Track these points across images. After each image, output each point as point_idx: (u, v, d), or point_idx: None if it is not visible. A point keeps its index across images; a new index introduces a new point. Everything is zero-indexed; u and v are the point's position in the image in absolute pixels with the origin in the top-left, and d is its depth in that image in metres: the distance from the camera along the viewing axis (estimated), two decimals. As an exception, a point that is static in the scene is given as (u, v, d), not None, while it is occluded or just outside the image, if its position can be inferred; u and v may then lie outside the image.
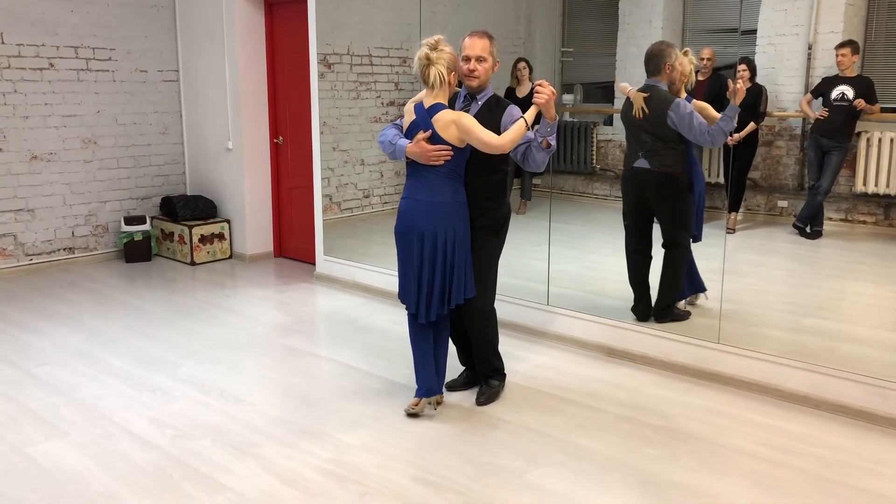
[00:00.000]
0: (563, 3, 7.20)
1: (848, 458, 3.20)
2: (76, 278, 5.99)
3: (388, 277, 5.40)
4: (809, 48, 5.30)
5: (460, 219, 3.43)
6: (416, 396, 3.56)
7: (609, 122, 6.92)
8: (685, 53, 4.36)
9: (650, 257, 4.50)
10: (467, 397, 3.76)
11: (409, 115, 3.45)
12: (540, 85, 3.31)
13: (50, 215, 6.22)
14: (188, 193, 7.00)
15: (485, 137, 3.30)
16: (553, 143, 3.43)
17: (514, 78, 6.71)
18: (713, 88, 5.70)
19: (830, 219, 5.27)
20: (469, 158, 3.44)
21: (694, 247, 4.59)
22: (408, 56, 6.53)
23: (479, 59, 3.45)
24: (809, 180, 5.29)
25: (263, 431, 3.41)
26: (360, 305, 5.36)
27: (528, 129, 3.34)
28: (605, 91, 6.92)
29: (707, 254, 4.74)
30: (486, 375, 3.77)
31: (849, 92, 4.92)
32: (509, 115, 3.45)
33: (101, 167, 6.47)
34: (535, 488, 2.95)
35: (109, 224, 6.57)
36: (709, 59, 5.69)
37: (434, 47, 3.32)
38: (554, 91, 3.30)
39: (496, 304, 3.72)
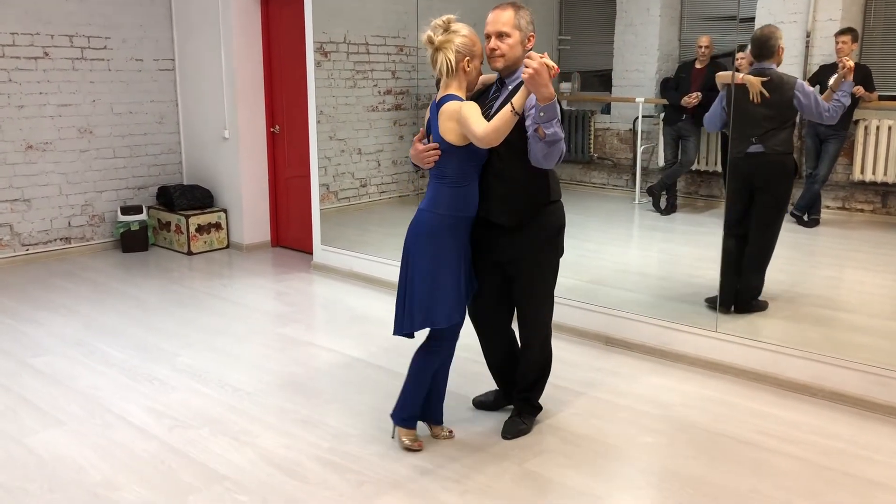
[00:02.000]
0: (560, -9, 7.17)
1: (846, 447, 3.20)
2: (73, 268, 5.97)
3: (385, 267, 5.39)
4: (808, 36, 5.28)
5: (423, 232, 2.96)
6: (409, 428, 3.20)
7: (607, 110, 6.90)
8: None
9: (744, 247, 4.40)
10: (461, 387, 3.76)
11: (427, 114, 3.04)
12: (528, 58, 2.66)
13: (46, 205, 6.19)
14: (185, 183, 6.97)
15: (473, 128, 2.76)
16: (550, 130, 2.76)
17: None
18: (711, 76, 5.67)
19: (828, 207, 5.27)
20: (500, 157, 2.93)
21: (691, 235, 4.59)
22: (405, 44, 6.49)
23: (502, 35, 2.90)
24: (807, 168, 5.28)
25: (261, 420, 3.41)
26: (357, 295, 5.36)
27: (516, 114, 2.71)
28: (602, 79, 6.90)
29: (705, 242, 4.74)
30: (520, 403, 3.35)
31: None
32: (530, 99, 2.78)
33: (98, 157, 6.44)
34: (534, 476, 2.95)
35: (106, 214, 6.55)
36: (707, 47, 5.67)
37: (445, 28, 2.88)
38: (549, 64, 2.64)
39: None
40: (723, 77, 4.48)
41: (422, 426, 3.27)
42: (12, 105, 5.92)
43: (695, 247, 4.80)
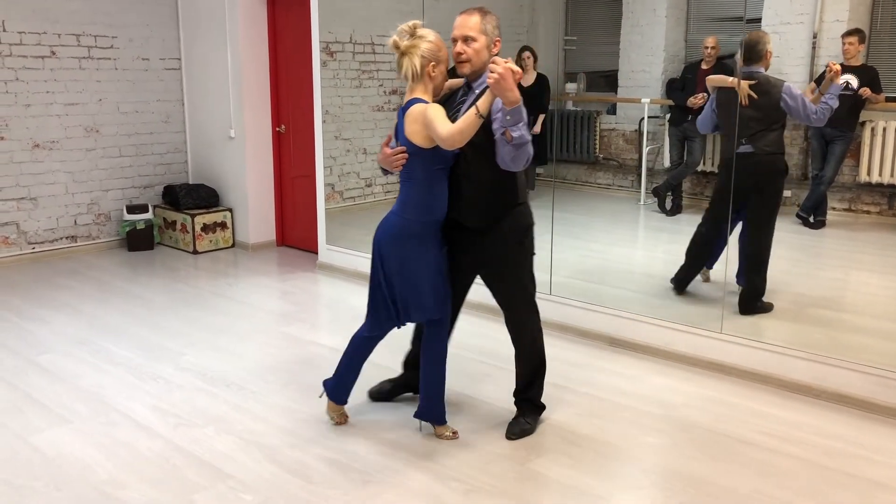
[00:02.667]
0: (566, -9, 7.16)
1: (849, 448, 3.20)
2: (78, 267, 6.00)
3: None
4: (814, 37, 5.28)
5: (392, 234, 3.04)
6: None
7: (612, 110, 6.90)
8: None
9: (724, 241, 4.48)
10: (465, 386, 3.76)
11: (396, 118, 3.08)
12: (493, 62, 2.71)
13: (52, 204, 6.22)
14: (190, 182, 6.99)
15: (438, 130, 2.80)
16: (517, 133, 2.80)
17: (519, 66, 6.68)
18: (717, 77, 5.66)
19: (834, 208, 5.26)
20: (466, 159, 2.98)
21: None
22: (410, 44, 6.50)
23: (468, 40, 2.93)
24: (813, 170, 5.28)
25: (266, 420, 3.42)
26: (362, 294, 5.35)
27: (481, 117, 2.76)
28: (608, 80, 6.90)
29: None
30: (522, 401, 3.36)
31: (853, 81, 4.90)
32: (496, 104, 2.85)
33: (104, 156, 6.47)
34: (538, 476, 2.96)
35: (112, 213, 6.57)
36: (713, 48, 5.66)
37: (410, 34, 2.93)
38: (514, 68, 2.69)
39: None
40: (714, 80, 4.56)
41: (427, 426, 3.29)
42: (19, 104, 5.95)
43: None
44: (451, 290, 3.21)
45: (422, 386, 3.23)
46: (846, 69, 4.94)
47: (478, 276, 3.29)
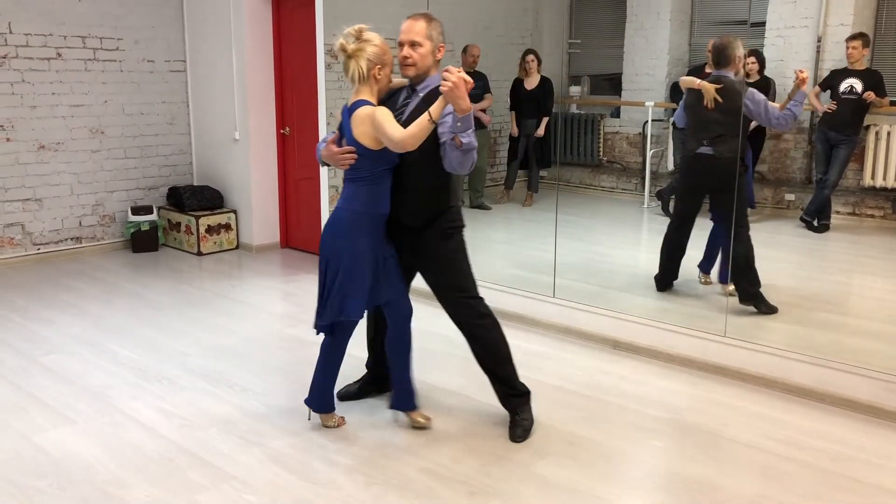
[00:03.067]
0: (570, -5, 7.17)
1: (854, 452, 3.20)
2: (83, 268, 6.01)
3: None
4: (819, 41, 5.28)
5: (340, 229, 3.10)
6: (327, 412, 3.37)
7: (616, 114, 6.91)
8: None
9: (688, 239, 4.65)
10: (468, 388, 3.77)
11: (338, 117, 3.20)
12: (447, 71, 2.78)
13: (57, 205, 6.24)
14: (195, 184, 7.00)
15: (390, 133, 2.89)
16: (465, 140, 2.91)
17: (523, 69, 6.70)
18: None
19: (838, 212, 5.26)
20: (407, 160, 3.06)
21: (699, 239, 4.62)
22: (415, 47, 6.50)
23: (414, 45, 3.05)
24: (817, 174, 5.28)
25: (270, 421, 3.42)
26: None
27: (433, 122, 2.85)
28: (612, 83, 6.90)
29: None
30: (507, 397, 3.35)
31: (858, 85, 4.90)
32: (449, 108, 2.92)
33: (109, 157, 6.49)
34: (541, 479, 2.96)
35: (116, 214, 6.59)
36: (717, 52, 5.65)
37: (357, 37, 3.00)
38: (466, 78, 2.76)
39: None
40: (684, 82, 4.63)
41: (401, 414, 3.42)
42: (25, 105, 5.97)
43: (703, 251, 4.80)
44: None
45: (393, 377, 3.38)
46: (850, 73, 4.94)
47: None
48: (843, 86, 4.95)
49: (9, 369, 4.00)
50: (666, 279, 4.75)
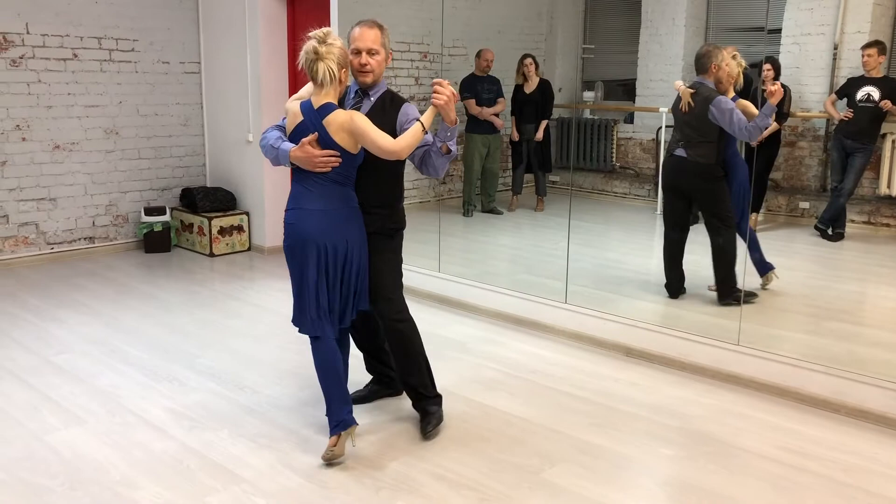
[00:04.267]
0: (585, 0, 7.16)
1: (867, 464, 3.16)
2: (96, 267, 6.04)
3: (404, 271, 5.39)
4: (835, 48, 5.25)
5: (355, 226, 3.12)
6: (332, 435, 3.07)
7: (630, 119, 6.89)
8: (734, 57, 4.53)
9: (683, 240, 4.70)
10: (478, 394, 3.75)
11: (295, 116, 3.07)
12: (438, 84, 2.97)
13: (71, 205, 6.27)
14: (208, 185, 7.03)
15: (380, 141, 2.96)
16: (453, 148, 3.10)
17: (521, 74, 6.69)
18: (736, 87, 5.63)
19: (853, 221, 5.22)
20: (376, 162, 3.10)
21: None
22: (428, 51, 6.52)
23: (371, 52, 3.12)
24: (832, 182, 5.25)
25: (280, 424, 3.42)
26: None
27: (426, 132, 3.02)
28: (626, 88, 6.89)
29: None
30: (418, 401, 3.38)
31: (874, 93, 4.87)
32: (405, 114, 3.13)
33: (123, 157, 6.52)
34: (551, 486, 2.94)
35: (130, 214, 6.62)
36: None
37: (323, 41, 2.99)
38: (454, 93, 2.98)
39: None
40: (676, 86, 4.69)
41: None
42: (41, 105, 6.00)
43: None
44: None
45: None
46: (867, 81, 4.91)
47: None
48: (860, 94, 4.92)
49: (21, 368, 4.02)
50: (672, 284, 4.76)
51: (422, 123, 3.00)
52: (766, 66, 4.94)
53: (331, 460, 3.05)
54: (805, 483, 3.00)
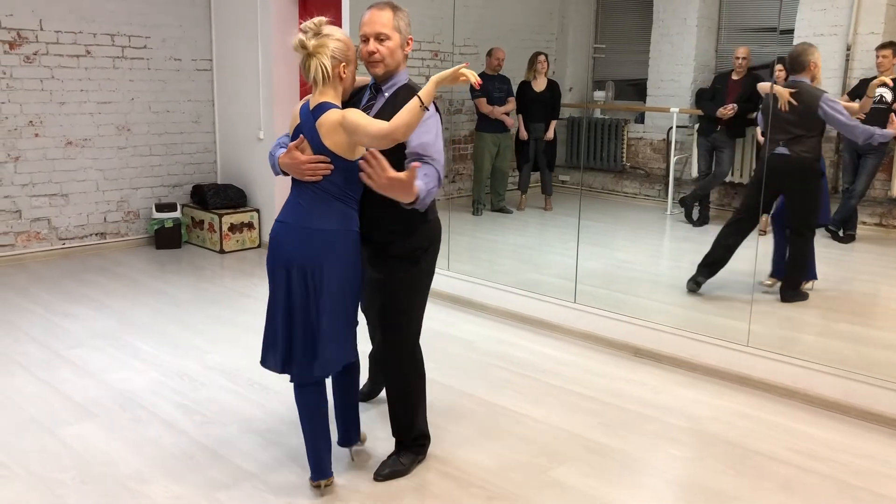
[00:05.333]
0: (596, -1, 7.15)
1: (878, 466, 3.15)
2: (107, 263, 6.07)
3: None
4: (848, 49, 5.23)
5: (336, 253, 2.66)
6: (314, 480, 2.84)
7: (640, 119, 6.87)
8: None
9: (749, 231, 4.70)
10: (487, 392, 3.76)
11: (295, 119, 2.75)
12: (373, 157, 2.48)
13: (83, 200, 6.30)
14: (219, 182, 7.05)
15: (371, 128, 2.52)
16: (421, 186, 2.57)
17: (533, 70, 6.68)
18: (748, 87, 5.64)
19: (864, 223, 5.20)
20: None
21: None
22: (439, 49, 6.52)
23: (381, 38, 2.68)
24: (844, 183, 5.22)
25: (289, 420, 3.43)
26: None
27: (424, 109, 2.49)
28: (637, 88, 6.87)
29: (738, 255, 4.70)
30: (398, 441, 3.03)
31: (888, 94, 4.84)
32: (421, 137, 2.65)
33: (134, 154, 6.55)
34: (559, 485, 2.94)
35: (141, 210, 6.65)
36: (744, 58, 5.63)
37: (317, 32, 2.64)
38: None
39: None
40: (761, 87, 4.79)
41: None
42: (54, 101, 6.04)
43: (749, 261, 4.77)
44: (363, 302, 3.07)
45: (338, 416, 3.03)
46: (880, 82, 4.88)
47: None
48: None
49: (33, 363, 4.04)
50: (709, 268, 4.78)
51: (420, 98, 2.48)
52: (779, 67, 4.92)
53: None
54: (814, 485, 3.00)
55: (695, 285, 4.80)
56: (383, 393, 3.45)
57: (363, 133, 2.55)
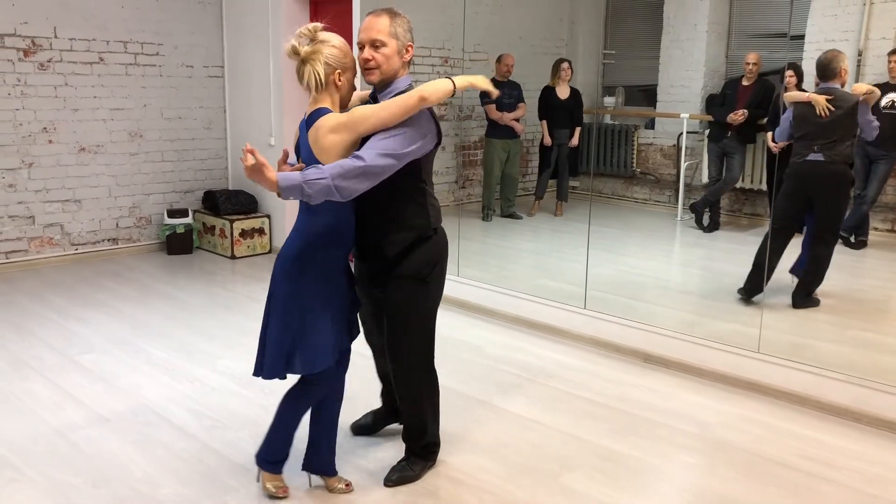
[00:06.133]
0: (606, 5, 7.16)
1: (889, 474, 3.13)
2: (119, 269, 6.11)
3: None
4: (859, 55, 5.21)
5: (295, 276, 2.63)
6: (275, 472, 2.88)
7: (651, 125, 6.87)
8: None
9: (789, 240, 4.70)
10: (496, 398, 3.76)
11: (296, 134, 2.74)
12: (250, 152, 2.48)
13: (96, 206, 6.35)
14: (230, 188, 7.09)
15: (375, 119, 2.51)
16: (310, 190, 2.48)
17: (557, 77, 6.70)
18: (758, 93, 5.63)
19: (876, 229, 5.17)
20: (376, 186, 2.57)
21: (733, 253, 4.57)
22: (449, 56, 6.54)
23: (377, 45, 2.62)
24: (855, 189, 5.20)
25: (299, 426, 3.44)
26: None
27: (424, 99, 2.52)
28: (647, 94, 6.87)
29: (748, 261, 4.69)
30: (409, 448, 3.04)
31: (900, 100, 4.82)
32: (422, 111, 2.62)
33: (147, 160, 6.59)
34: (569, 491, 2.94)
35: (153, 216, 6.69)
36: (755, 64, 5.62)
37: (311, 38, 2.59)
38: (263, 163, 2.48)
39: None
40: (791, 97, 4.75)
41: (316, 479, 2.99)
42: (68, 108, 6.09)
43: (737, 265, 4.75)
44: (364, 321, 3.03)
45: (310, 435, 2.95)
46: (892, 88, 4.86)
47: None
48: (885, 101, 4.87)
49: (46, 367, 4.07)
50: (756, 286, 4.71)
51: (453, 82, 2.48)
52: (789, 73, 4.92)
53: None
54: (826, 492, 2.98)
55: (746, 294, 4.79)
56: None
57: (363, 121, 2.52)
